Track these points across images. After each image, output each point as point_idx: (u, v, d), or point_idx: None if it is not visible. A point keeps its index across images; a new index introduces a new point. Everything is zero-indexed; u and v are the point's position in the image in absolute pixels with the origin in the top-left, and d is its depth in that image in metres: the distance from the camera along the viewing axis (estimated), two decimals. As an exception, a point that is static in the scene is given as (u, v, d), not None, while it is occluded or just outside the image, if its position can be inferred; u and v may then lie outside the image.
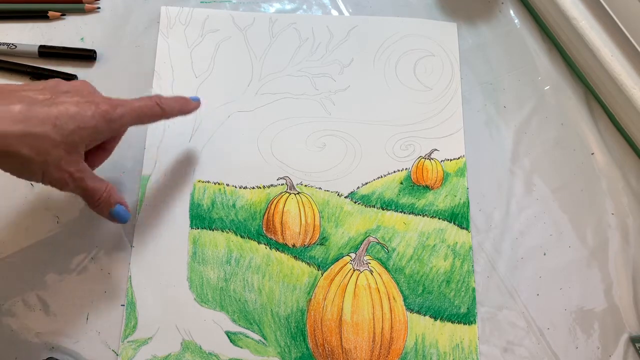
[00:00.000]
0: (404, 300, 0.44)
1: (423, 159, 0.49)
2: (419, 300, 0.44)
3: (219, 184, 0.47)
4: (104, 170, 0.46)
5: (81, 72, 0.50)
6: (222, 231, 0.45)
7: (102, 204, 0.37)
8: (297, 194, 0.47)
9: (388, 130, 0.50)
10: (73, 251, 0.44)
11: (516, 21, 0.55)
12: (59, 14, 0.51)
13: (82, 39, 0.51)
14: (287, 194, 0.47)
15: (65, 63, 0.50)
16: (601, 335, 0.45)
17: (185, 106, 0.42)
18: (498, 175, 0.49)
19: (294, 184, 0.47)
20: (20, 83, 0.48)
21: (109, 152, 0.42)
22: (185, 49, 0.51)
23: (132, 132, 0.48)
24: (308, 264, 0.45)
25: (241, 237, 0.45)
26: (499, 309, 0.45)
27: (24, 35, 0.51)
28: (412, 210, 0.47)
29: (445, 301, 0.44)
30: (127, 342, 0.42)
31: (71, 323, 0.42)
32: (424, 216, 0.47)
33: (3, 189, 0.45)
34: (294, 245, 0.46)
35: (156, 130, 0.48)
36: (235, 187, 0.47)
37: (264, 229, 0.46)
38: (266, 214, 0.46)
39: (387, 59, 0.53)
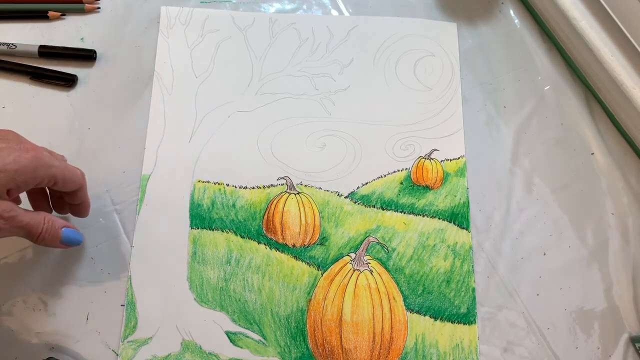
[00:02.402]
0: (404, 300, 0.44)
1: (423, 159, 0.49)
2: (419, 300, 0.44)
3: (219, 184, 0.47)
4: (105, 171, 0.47)
5: (81, 72, 0.50)
6: (222, 231, 0.45)
7: (47, 235, 0.36)
8: (297, 194, 0.47)
9: (388, 130, 0.50)
10: (73, 251, 0.44)
11: (516, 21, 0.55)
12: (59, 14, 0.51)
13: (82, 39, 0.51)
14: (287, 194, 0.47)
15: (65, 63, 0.50)
16: (601, 335, 0.45)
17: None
18: (498, 175, 0.49)
19: (294, 184, 0.47)
20: (20, 83, 0.49)
21: (83, 204, 0.41)
22: (185, 49, 0.51)
23: (132, 132, 0.48)
24: (308, 264, 0.45)
25: (241, 237, 0.45)
26: (499, 309, 0.45)
27: (24, 35, 0.51)
28: (412, 210, 0.47)
29: (445, 301, 0.44)
30: (127, 342, 0.42)
31: (71, 323, 0.42)
32: (424, 216, 0.47)
33: (3, 189, 0.45)
34: (294, 245, 0.46)
35: (156, 130, 0.48)
36: (235, 187, 0.47)
37: (264, 229, 0.46)
38: (266, 214, 0.46)
39: (387, 59, 0.53)
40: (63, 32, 0.51)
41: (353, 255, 0.45)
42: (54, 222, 0.37)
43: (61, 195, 0.40)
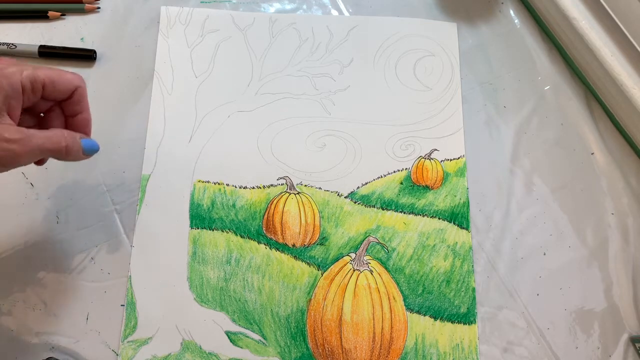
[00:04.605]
0: (404, 300, 0.44)
1: (423, 159, 0.49)
2: (419, 300, 0.44)
3: (219, 184, 0.47)
4: (105, 171, 0.47)
5: (81, 72, 0.49)
6: (222, 231, 0.45)
7: (71, 152, 0.35)
8: (297, 194, 0.47)
9: (388, 130, 0.50)
10: (73, 251, 0.44)
11: (516, 21, 0.55)
12: (59, 14, 0.51)
13: (82, 39, 0.51)
14: (287, 194, 0.47)
15: (65, 63, 0.50)
16: (601, 335, 0.45)
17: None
18: (498, 175, 0.49)
19: (294, 184, 0.47)
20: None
21: (82, 114, 0.37)
22: (185, 49, 0.51)
23: (132, 132, 0.48)
24: (308, 264, 0.45)
25: (241, 237, 0.45)
26: (499, 309, 0.45)
27: (24, 35, 0.51)
28: (412, 210, 0.47)
29: (445, 301, 0.44)
30: (127, 342, 0.42)
31: (71, 323, 0.42)
32: (424, 216, 0.47)
33: (3, 189, 0.45)
34: (294, 245, 0.46)
35: (156, 130, 0.48)
36: (235, 187, 0.47)
37: (264, 229, 0.46)
38: (266, 214, 0.46)
39: (387, 59, 0.53)
40: (63, 32, 0.51)
41: (353, 255, 0.45)
42: (73, 134, 0.35)
43: (61, 107, 0.37)
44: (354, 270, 0.45)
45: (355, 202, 0.47)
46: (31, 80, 0.33)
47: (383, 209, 0.47)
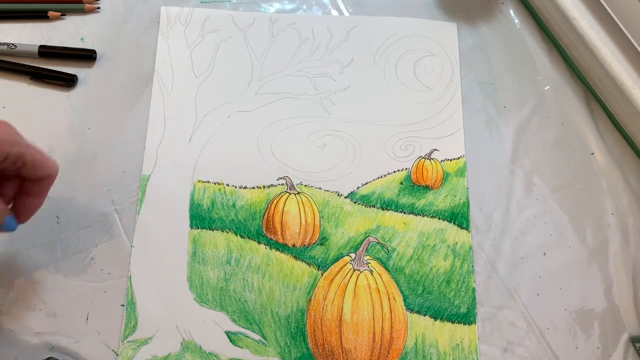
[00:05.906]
0: (404, 300, 0.44)
1: (423, 159, 0.49)
2: (419, 300, 0.44)
3: (219, 184, 0.47)
4: (105, 171, 0.47)
5: (81, 72, 0.50)
6: (222, 231, 0.45)
7: None
8: (297, 194, 0.47)
9: (388, 130, 0.50)
10: (73, 251, 0.44)
11: (516, 21, 0.55)
12: (59, 14, 0.51)
13: (82, 39, 0.51)
14: (287, 194, 0.47)
15: (65, 63, 0.50)
16: (601, 335, 0.45)
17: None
18: (498, 175, 0.49)
19: (294, 184, 0.47)
20: (20, 83, 0.49)
21: (38, 198, 0.36)
22: (185, 49, 0.51)
23: (132, 131, 0.48)
24: (308, 264, 0.45)
25: (241, 237, 0.45)
26: (499, 309, 0.45)
27: (24, 35, 0.51)
28: (412, 210, 0.47)
29: (445, 301, 0.44)
30: (127, 342, 0.42)
31: (71, 323, 0.42)
32: (424, 216, 0.47)
33: (3, 189, 0.45)
34: (294, 245, 0.46)
35: (156, 130, 0.48)
36: (235, 187, 0.47)
37: (264, 229, 0.46)
38: (266, 214, 0.46)
39: (387, 59, 0.53)
40: (63, 32, 0.51)
41: (353, 255, 0.45)
42: (8, 214, 0.35)
43: (23, 181, 0.36)
44: (354, 270, 0.45)
45: (355, 202, 0.47)
46: (16, 158, 0.32)
47: (383, 209, 0.47)
